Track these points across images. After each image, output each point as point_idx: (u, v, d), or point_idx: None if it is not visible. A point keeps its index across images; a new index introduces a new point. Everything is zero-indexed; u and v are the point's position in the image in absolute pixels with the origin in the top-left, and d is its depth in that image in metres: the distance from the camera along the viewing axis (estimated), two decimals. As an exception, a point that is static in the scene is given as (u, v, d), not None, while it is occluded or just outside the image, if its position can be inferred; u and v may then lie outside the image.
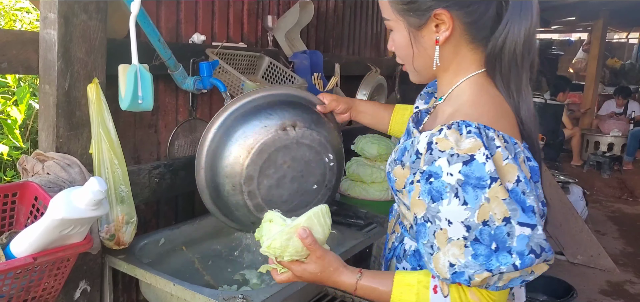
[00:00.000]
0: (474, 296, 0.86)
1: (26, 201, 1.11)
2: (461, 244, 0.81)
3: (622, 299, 3.30)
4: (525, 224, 0.80)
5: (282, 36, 2.02)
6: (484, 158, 0.80)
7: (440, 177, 0.82)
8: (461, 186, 0.80)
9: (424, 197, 0.84)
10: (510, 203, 0.79)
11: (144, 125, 1.57)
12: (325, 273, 0.96)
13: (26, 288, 1.00)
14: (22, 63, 1.20)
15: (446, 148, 0.82)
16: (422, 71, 1.00)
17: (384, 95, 2.83)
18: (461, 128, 0.83)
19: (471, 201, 0.80)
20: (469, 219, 0.80)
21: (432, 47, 0.94)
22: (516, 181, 0.81)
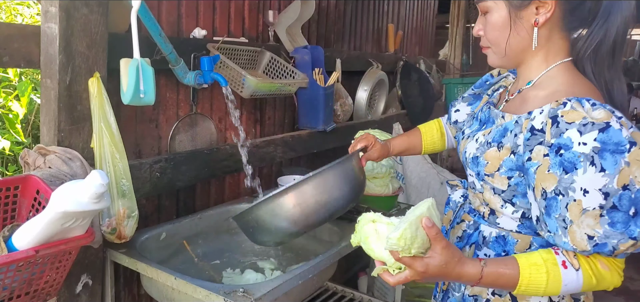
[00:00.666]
0: (605, 265, 0.88)
1: (28, 194, 1.12)
2: (596, 214, 0.82)
3: (622, 296, 3.30)
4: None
5: (283, 31, 2.02)
6: (618, 125, 0.81)
7: (571, 148, 0.82)
8: (597, 153, 0.81)
9: (555, 169, 0.84)
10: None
11: (145, 119, 1.57)
12: (450, 265, 0.89)
13: (28, 281, 1.01)
14: (23, 57, 1.20)
15: (576, 119, 0.84)
16: (511, 54, 1.00)
17: (385, 91, 2.83)
18: (582, 102, 0.85)
19: (609, 166, 0.80)
20: (608, 185, 0.80)
21: (529, 29, 0.96)
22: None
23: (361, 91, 2.58)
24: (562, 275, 0.89)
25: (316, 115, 2.08)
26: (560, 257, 0.90)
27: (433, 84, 3.30)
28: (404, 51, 3.36)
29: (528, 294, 0.93)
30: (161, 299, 1.32)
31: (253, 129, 2.02)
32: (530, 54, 0.99)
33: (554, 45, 0.98)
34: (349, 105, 2.41)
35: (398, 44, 3.09)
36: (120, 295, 1.53)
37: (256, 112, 2.02)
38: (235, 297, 1.10)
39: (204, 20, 1.71)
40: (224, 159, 1.73)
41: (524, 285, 0.90)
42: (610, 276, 0.89)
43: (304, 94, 2.06)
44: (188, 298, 1.20)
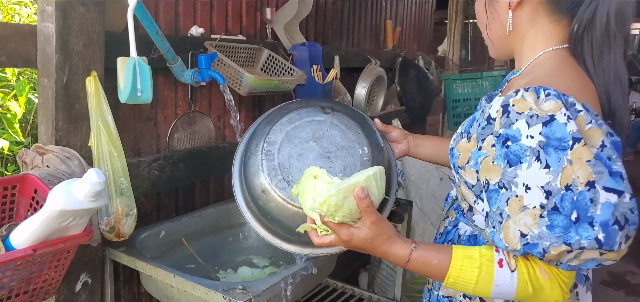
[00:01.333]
0: (544, 273, 0.80)
1: (26, 193, 1.12)
2: (536, 213, 0.75)
3: (623, 290, 3.31)
4: (612, 189, 0.72)
5: (281, 28, 2.02)
6: (565, 118, 0.75)
7: (518, 140, 0.76)
8: (543, 148, 0.74)
9: (500, 161, 0.79)
10: (596, 165, 0.73)
11: (144, 118, 1.57)
12: (377, 241, 0.87)
13: (27, 280, 1.01)
14: (21, 56, 1.20)
15: (525, 110, 0.77)
16: (496, 41, 0.96)
17: (383, 87, 2.82)
18: (539, 91, 0.78)
19: (553, 163, 0.74)
20: (551, 183, 0.74)
21: (505, 12, 0.91)
22: (601, 145, 0.75)
23: (360, 88, 2.58)
24: (495, 273, 0.83)
25: (315, 112, 2.08)
26: (498, 255, 0.84)
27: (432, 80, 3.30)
28: (402, 47, 3.35)
29: (457, 289, 0.87)
30: (161, 297, 1.32)
31: (252, 126, 2.02)
32: (517, 41, 0.93)
33: (543, 31, 0.90)
34: (348, 102, 2.41)
35: (396, 40, 3.09)
36: (120, 293, 1.54)
37: (254, 110, 2.02)
38: (234, 295, 1.10)
39: (201, 18, 1.71)
40: (223, 157, 1.73)
41: (453, 278, 0.85)
42: (550, 288, 0.81)
43: (303, 91, 2.06)
44: (187, 296, 1.20)
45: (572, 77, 0.85)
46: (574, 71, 0.87)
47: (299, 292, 1.37)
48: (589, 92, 0.85)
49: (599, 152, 0.74)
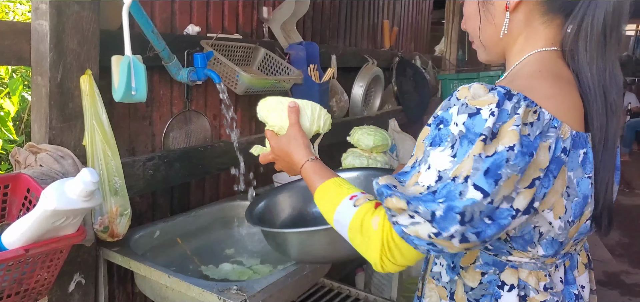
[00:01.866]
0: (376, 223, 0.82)
1: (18, 192, 1.11)
2: (419, 189, 0.75)
3: (618, 289, 3.32)
4: (479, 188, 0.70)
5: (278, 27, 2.01)
6: (488, 113, 0.73)
7: (448, 125, 0.76)
8: (460, 138, 0.74)
9: (427, 141, 0.78)
10: (478, 161, 0.71)
11: (139, 117, 1.56)
12: (291, 146, 1.05)
13: (19, 280, 1.00)
14: (14, 54, 1.18)
15: (462, 97, 0.76)
16: (488, 44, 0.93)
17: (381, 87, 2.82)
18: (493, 87, 0.76)
19: (460, 155, 0.73)
20: (447, 171, 0.73)
21: (501, 14, 0.87)
22: (509, 148, 0.72)
23: (357, 87, 2.58)
24: (343, 200, 0.89)
25: (311, 112, 2.07)
26: (356, 194, 0.89)
27: (429, 79, 3.30)
28: (399, 47, 3.35)
29: (317, 205, 0.95)
30: (155, 298, 1.31)
31: (248, 125, 2.01)
32: (509, 43, 0.89)
33: (535, 33, 0.87)
34: (345, 102, 2.40)
35: (394, 40, 3.08)
36: (114, 294, 1.52)
37: (251, 109, 2.01)
38: (229, 295, 1.09)
39: (197, 16, 1.70)
40: (219, 156, 1.72)
41: (318, 193, 0.96)
42: (375, 240, 0.81)
43: (299, 90, 2.05)
44: (182, 296, 1.20)
45: (549, 81, 0.82)
46: (554, 76, 0.84)
47: (295, 291, 1.36)
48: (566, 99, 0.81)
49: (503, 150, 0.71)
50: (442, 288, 0.96)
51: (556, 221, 0.81)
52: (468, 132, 0.73)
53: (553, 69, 0.84)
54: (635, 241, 4.21)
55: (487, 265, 0.90)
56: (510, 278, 0.89)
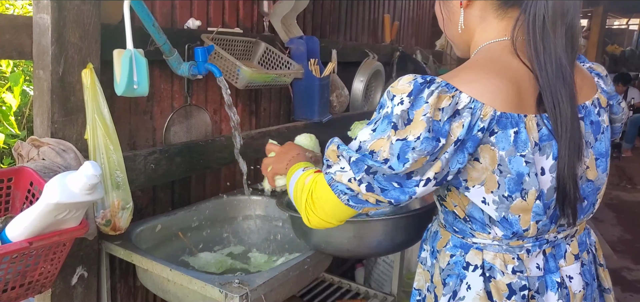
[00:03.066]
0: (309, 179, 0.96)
1: (21, 186, 1.11)
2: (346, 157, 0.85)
3: (619, 286, 3.32)
4: (391, 167, 0.81)
5: (278, 22, 2.01)
6: (399, 100, 0.82)
7: (382, 108, 0.86)
8: (383, 117, 0.84)
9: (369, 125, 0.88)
10: (392, 147, 0.81)
11: (140, 111, 1.56)
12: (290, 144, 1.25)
13: (22, 273, 1.01)
14: (15, 48, 1.19)
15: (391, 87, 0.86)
16: (454, 40, 1.01)
17: (381, 81, 2.82)
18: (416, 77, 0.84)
19: (379, 131, 0.83)
20: (366, 142, 0.84)
21: (457, 11, 0.95)
22: (417, 138, 0.79)
23: (357, 82, 2.58)
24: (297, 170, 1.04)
25: (312, 107, 2.07)
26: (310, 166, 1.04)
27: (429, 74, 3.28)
28: (400, 42, 3.34)
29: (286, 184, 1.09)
30: (157, 291, 1.32)
31: (248, 120, 2.02)
32: (470, 37, 0.97)
33: (489, 26, 0.93)
34: (345, 97, 2.40)
35: (394, 34, 3.08)
36: (116, 287, 1.54)
37: (251, 104, 2.02)
38: (231, 288, 1.10)
39: (198, 10, 1.70)
40: (219, 151, 1.73)
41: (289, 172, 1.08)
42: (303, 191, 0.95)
43: (300, 85, 2.05)
44: (183, 289, 1.20)
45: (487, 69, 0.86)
46: (496, 64, 0.87)
47: (296, 286, 1.37)
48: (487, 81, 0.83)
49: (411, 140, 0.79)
50: (426, 272, 1.05)
51: (489, 195, 0.86)
52: (389, 115, 0.83)
53: (494, 57, 0.89)
54: (637, 238, 4.21)
55: (455, 247, 0.96)
56: (475, 259, 0.93)
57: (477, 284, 0.91)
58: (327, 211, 0.90)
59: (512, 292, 0.90)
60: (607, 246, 3.77)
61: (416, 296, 1.08)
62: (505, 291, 0.90)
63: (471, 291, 0.91)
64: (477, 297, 0.90)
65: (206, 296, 1.13)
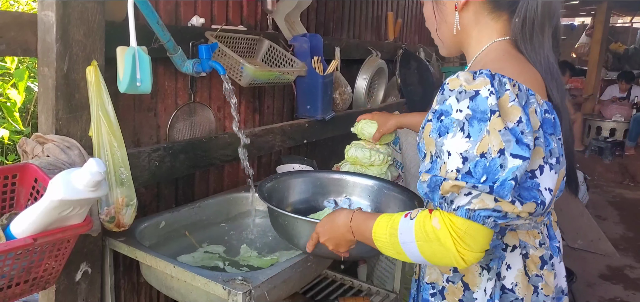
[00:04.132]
0: (437, 221, 0.87)
1: (26, 182, 1.12)
2: (453, 176, 0.84)
3: (621, 284, 3.32)
4: (517, 155, 0.82)
5: (282, 19, 2.01)
6: (487, 92, 0.83)
7: (450, 114, 0.86)
8: (468, 120, 0.84)
9: (434, 134, 0.89)
10: (505, 134, 0.82)
11: (144, 108, 1.56)
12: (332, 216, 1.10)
13: (27, 269, 1.01)
14: (20, 45, 1.19)
15: (455, 87, 0.87)
16: (445, 40, 1.05)
17: (384, 79, 2.82)
18: (475, 72, 0.87)
19: (474, 134, 0.83)
20: (469, 151, 0.83)
21: (452, 14, 1.00)
22: (518, 121, 0.84)
23: (360, 80, 2.57)
24: (400, 222, 0.93)
25: (315, 104, 2.07)
26: (409, 212, 0.95)
27: (432, 72, 3.28)
28: (403, 39, 3.34)
29: (380, 246, 0.98)
30: (160, 287, 1.33)
31: (252, 117, 2.02)
32: (465, 38, 1.02)
33: (486, 27, 0.99)
34: (348, 94, 2.40)
35: (397, 32, 3.07)
36: (120, 283, 1.54)
37: (255, 101, 2.02)
38: (234, 285, 1.10)
39: (202, 8, 1.70)
40: (223, 148, 1.73)
41: (375, 232, 0.98)
42: (444, 237, 0.86)
43: (303, 82, 2.05)
44: (187, 286, 1.21)
45: (513, 62, 0.94)
46: (514, 56, 0.96)
47: (299, 282, 1.37)
48: (530, 75, 0.94)
49: (514, 126, 0.83)
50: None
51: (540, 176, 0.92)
52: (474, 112, 0.84)
53: (512, 52, 0.97)
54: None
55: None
56: (512, 240, 1.00)
57: (518, 263, 1.00)
58: (479, 240, 0.86)
59: (544, 263, 1.01)
60: (609, 244, 3.76)
61: (429, 289, 1.08)
62: (539, 263, 1.01)
63: (512, 269, 1.00)
64: (519, 274, 0.99)
65: (210, 292, 1.14)
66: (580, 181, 4.38)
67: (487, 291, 0.99)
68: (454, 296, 1.03)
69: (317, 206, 1.57)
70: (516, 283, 0.99)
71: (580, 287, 3.14)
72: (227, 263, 1.46)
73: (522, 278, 0.99)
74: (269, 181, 1.46)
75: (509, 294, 1.00)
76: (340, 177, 1.61)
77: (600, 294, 3.17)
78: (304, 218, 1.25)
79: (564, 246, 3.90)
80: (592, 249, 3.75)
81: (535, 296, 1.01)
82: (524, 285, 0.99)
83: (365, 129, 1.76)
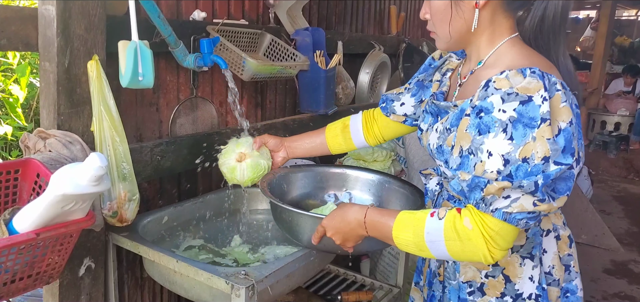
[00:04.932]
0: (468, 222, 0.88)
1: (28, 177, 1.12)
2: (492, 176, 0.85)
3: (626, 278, 3.31)
4: (561, 163, 0.83)
5: (284, 13, 2.00)
6: (540, 100, 0.84)
7: (491, 112, 0.86)
8: (512, 122, 0.84)
9: (471, 130, 0.88)
10: (553, 144, 0.83)
11: (146, 103, 1.56)
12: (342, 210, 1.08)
13: (30, 264, 1.01)
14: (21, 40, 1.19)
15: (503, 87, 0.86)
16: (455, 36, 1.03)
17: (387, 73, 2.80)
18: (524, 71, 0.87)
19: (518, 137, 0.83)
20: (511, 153, 0.84)
21: (471, 11, 0.99)
22: (570, 122, 0.85)
23: (363, 74, 2.56)
24: (426, 221, 0.93)
25: (317, 99, 2.06)
26: (432, 210, 0.95)
27: (436, 66, 3.26)
28: (406, 33, 3.32)
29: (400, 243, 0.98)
30: (163, 282, 1.33)
31: (254, 112, 2.01)
32: (476, 35, 1.02)
33: (499, 25, 1.00)
34: (351, 89, 2.39)
35: (400, 26, 3.05)
36: (123, 278, 1.54)
37: (257, 96, 2.01)
38: (237, 280, 1.10)
39: (203, 2, 1.70)
40: (225, 143, 1.72)
41: (395, 231, 0.98)
42: (475, 238, 0.88)
43: (305, 76, 2.04)
44: (190, 281, 1.21)
45: (537, 58, 0.96)
46: (534, 53, 0.97)
47: (302, 277, 1.37)
48: (555, 70, 0.96)
49: (567, 127, 0.85)
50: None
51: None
52: (521, 116, 0.84)
53: (530, 49, 0.99)
54: (644, 230, 4.19)
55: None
56: (546, 224, 1.05)
57: (552, 246, 1.05)
58: (508, 240, 0.89)
59: (571, 241, 1.09)
60: (613, 239, 3.75)
61: (466, 288, 1.08)
62: (568, 242, 1.08)
63: (548, 253, 1.05)
64: (554, 257, 1.05)
65: (212, 287, 1.14)
66: (584, 175, 4.36)
67: (534, 278, 1.03)
68: (495, 290, 1.05)
69: (318, 200, 1.56)
70: (553, 266, 1.05)
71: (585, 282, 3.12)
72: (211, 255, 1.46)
73: (557, 260, 1.05)
74: (270, 175, 1.45)
75: (547, 277, 1.05)
76: (342, 171, 1.60)
77: (604, 288, 3.16)
78: (309, 213, 1.24)
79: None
80: (597, 244, 3.74)
81: (567, 275, 1.08)
82: (559, 266, 1.06)
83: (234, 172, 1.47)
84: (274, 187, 1.43)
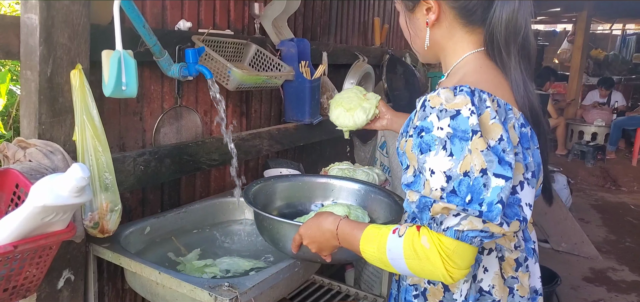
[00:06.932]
0: (425, 240, 0.89)
1: (7, 188, 1.09)
2: (437, 195, 0.86)
3: (604, 286, 3.37)
4: (500, 175, 0.84)
5: (269, 24, 2.00)
6: (468, 112, 0.85)
7: (431, 131, 0.87)
8: (450, 138, 0.85)
9: (415, 150, 0.90)
10: (488, 154, 0.84)
11: (129, 112, 1.54)
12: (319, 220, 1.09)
13: (7, 277, 0.99)
14: (2, 48, 1.17)
15: (436, 104, 0.88)
16: (420, 51, 1.08)
17: (371, 84, 2.83)
18: (455, 89, 0.89)
19: (457, 152, 0.84)
20: (452, 169, 0.84)
21: (424, 30, 1.02)
22: (499, 139, 0.85)
23: (347, 84, 2.58)
24: (388, 238, 0.94)
25: (302, 108, 2.07)
26: (394, 227, 0.95)
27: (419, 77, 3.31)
28: (390, 44, 3.36)
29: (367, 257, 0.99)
30: (145, 294, 1.31)
31: (239, 122, 2.01)
32: (440, 50, 1.04)
33: (461, 40, 1.01)
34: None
35: (384, 37, 3.09)
36: (104, 290, 1.52)
37: (242, 105, 2.01)
38: (221, 292, 1.09)
39: (189, 12, 1.69)
40: (210, 152, 1.72)
41: (362, 245, 0.99)
42: (433, 257, 0.87)
43: (290, 86, 2.05)
44: (172, 293, 1.19)
45: (489, 74, 0.96)
46: (489, 68, 0.98)
47: (286, 288, 1.37)
48: (506, 87, 0.96)
49: (496, 145, 0.85)
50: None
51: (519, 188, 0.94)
52: (456, 131, 0.85)
53: (488, 64, 0.99)
54: (622, 238, 4.28)
55: None
56: (488, 244, 1.02)
57: (494, 265, 1.02)
58: (466, 259, 0.88)
59: (519, 265, 1.04)
60: (592, 247, 3.82)
61: (412, 291, 1.09)
62: (514, 265, 1.04)
63: (489, 272, 1.02)
64: (495, 277, 1.02)
65: (195, 299, 1.12)
66: (563, 185, 4.45)
67: (463, 292, 1.02)
68: (435, 297, 1.06)
69: (303, 209, 1.57)
70: (493, 285, 1.02)
71: (565, 289, 3.19)
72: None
73: (499, 280, 1.02)
74: (255, 184, 1.45)
75: (487, 296, 1.03)
76: (327, 181, 1.61)
77: (584, 296, 3.22)
78: (289, 221, 1.24)
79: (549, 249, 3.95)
80: (576, 252, 3.80)
81: (511, 298, 1.04)
82: (500, 287, 1.02)
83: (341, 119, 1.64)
84: (259, 197, 1.43)
